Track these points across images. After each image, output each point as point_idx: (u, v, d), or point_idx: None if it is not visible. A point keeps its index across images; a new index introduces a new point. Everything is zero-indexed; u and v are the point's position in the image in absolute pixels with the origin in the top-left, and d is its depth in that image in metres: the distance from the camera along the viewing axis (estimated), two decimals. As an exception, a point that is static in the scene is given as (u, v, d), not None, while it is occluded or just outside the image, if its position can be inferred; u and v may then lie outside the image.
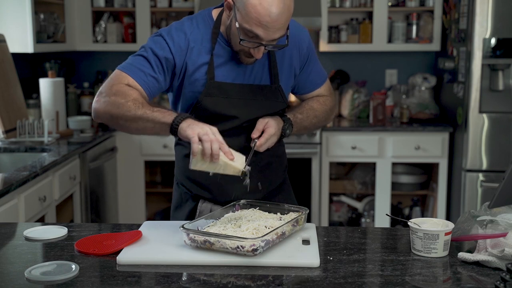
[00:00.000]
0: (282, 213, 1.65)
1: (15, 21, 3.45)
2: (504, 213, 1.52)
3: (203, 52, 1.74)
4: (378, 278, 1.33)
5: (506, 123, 3.62)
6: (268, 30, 1.59)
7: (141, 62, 1.71)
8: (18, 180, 2.39)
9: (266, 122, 1.74)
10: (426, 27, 4.24)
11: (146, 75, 1.70)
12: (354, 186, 4.36)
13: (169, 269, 1.37)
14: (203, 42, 1.75)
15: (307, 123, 1.89)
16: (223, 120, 1.75)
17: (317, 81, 1.94)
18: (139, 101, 1.64)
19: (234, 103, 1.76)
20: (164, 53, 1.72)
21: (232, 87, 1.76)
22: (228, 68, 1.76)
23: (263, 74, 1.80)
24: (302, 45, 1.84)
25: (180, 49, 1.73)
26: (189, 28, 1.76)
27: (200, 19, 1.78)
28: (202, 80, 1.74)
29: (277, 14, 1.56)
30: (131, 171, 4.08)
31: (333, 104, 1.98)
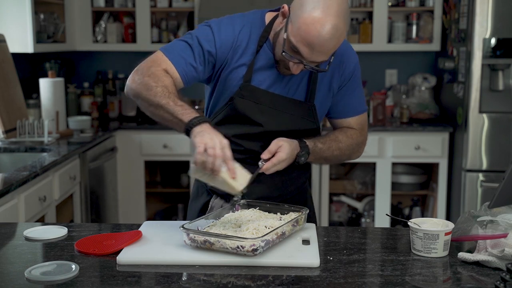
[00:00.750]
0: (282, 213, 1.65)
1: (15, 21, 3.45)
2: (504, 213, 1.52)
3: (246, 53, 1.72)
4: (378, 278, 1.33)
5: (506, 123, 3.62)
6: (312, 52, 1.55)
7: (184, 49, 1.70)
8: (18, 180, 2.39)
9: (280, 146, 1.66)
10: (426, 27, 4.24)
11: (186, 63, 1.69)
12: (354, 186, 4.36)
13: (169, 269, 1.37)
14: (249, 43, 1.72)
15: (327, 154, 1.81)
16: (248, 124, 1.75)
17: (351, 109, 1.86)
18: (169, 89, 1.62)
19: (263, 111, 1.74)
20: (208, 45, 1.70)
21: (265, 95, 1.74)
22: (266, 74, 1.73)
23: (299, 89, 1.76)
24: (346, 68, 1.78)
25: (225, 46, 1.72)
26: (239, 26, 1.75)
27: (252, 20, 1.76)
28: (239, 80, 1.73)
29: (326, 39, 1.52)
30: (131, 171, 4.08)
31: (361, 141, 1.89)
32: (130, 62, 4.70)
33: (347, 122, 1.87)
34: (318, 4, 1.51)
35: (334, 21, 1.51)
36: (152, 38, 4.31)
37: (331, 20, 1.51)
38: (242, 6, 4.04)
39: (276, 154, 1.66)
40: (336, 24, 1.52)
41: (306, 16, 1.52)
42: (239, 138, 1.76)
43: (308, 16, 1.52)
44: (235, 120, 1.74)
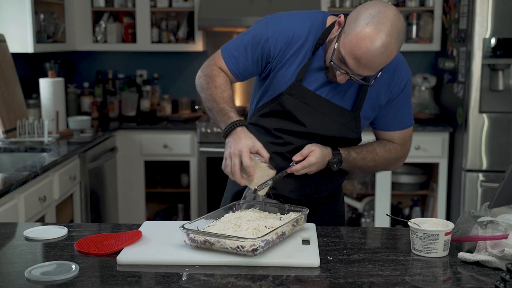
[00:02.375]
0: (282, 213, 1.65)
1: (15, 21, 3.45)
2: (504, 213, 1.52)
3: (301, 51, 1.74)
4: (378, 278, 1.33)
5: (506, 123, 3.62)
6: (359, 66, 1.56)
7: (238, 48, 1.78)
8: (18, 180, 2.39)
9: (312, 151, 1.71)
10: (426, 27, 4.24)
11: (238, 63, 1.78)
12: (354, 186, 4.36)
13: (169, 269, 1.37)
14: (306, 42, 1.74)
15: (361, 164, 1.83)
16: (293, 121, 1.77)
17: (396, 124, 1.86)
18: (220, 89, 1.74)
19: (309, 112, 1.76)
20: (263, 42, 1.75)
21: (313, 97, 1.75)
22: (317, 76, 1.75)
23: (346, 96, 1.77)
24: (397, 83, 1.78)
25: (280, 41, 1.74)
26: (297, 22, 1.76)
27: (313, 19, 1.77)
28: (290, 77, 1.75)
29: (374, 56, 1.53)
30: (131, 171, 4.08)
31: (400, 155, 1.89)
32: (130, 62, 4.74)
33: (389, 136, 1.88)
34: (372, 21, 1.52)
35: (385, 40, 1.51)
36: (152, 38, 4.31)
37: (382, 38, 1.51)
38: (242, 6, 4.04)
39: (307, 158, 1.71)
40: (386, 43, 1.52)
41: (359, 30, 1.53)
42: (281, 132, 1.80)
43: (361, 31, 1.52)
44: (280, 115, 1.78)
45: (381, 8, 1.54)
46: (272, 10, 3.86)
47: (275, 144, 1.81)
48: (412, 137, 1.91)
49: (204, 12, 4.00)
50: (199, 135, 3.95)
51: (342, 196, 2.02)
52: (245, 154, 1.57)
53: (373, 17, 1.52)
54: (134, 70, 4.57)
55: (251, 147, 1.59)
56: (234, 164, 1.58)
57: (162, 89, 4.59)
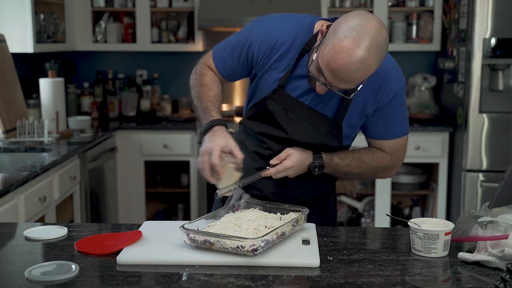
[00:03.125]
0: (282, 213, 1.65)
1: (15, 21, 3.45)
2: (504, 213, 1.52)
3: (286, 57, 1.72)
4: (378, 278, 1.33)
5: (506, 123, 3.62)
6: (336, 79, 1.52)
7: (227, 49, 1.82)
8: (18, 180, 2.39)
9: (290, 154, 1.72)
10: (426, 27, 4.24)
11: (226, 64, 1.82)
12: (354, 186, 4.36)
13: (169, 269, 1.37)
14: (291, 48, 1.72)
15: (346, 170, 1.80)
16: (275, 126, 1.77)
17: (385, 133, 1.81)
18: (206, 88, 1.79)
19: (290, 118, 1.75)
20: (247, 44, 1.77)
21: (296, 103, 1.74)
22: (301, 83, 1.73)
23: (329, 104, 1.74)
24: (386, 92, 1.72)
25: (262, 46, 1.74)
26: (283, 27, 1.74)
27: (301, 23, 1.73)
28: (273, 82, 1.75)
29: (350, 70, 1.48)
30: (131, 171, 4.08)
31: (389, 165, 1.84)
32: (130, 62, 4.74)
33: (380, 144, 1.83)
34: (351, 33, 1.46)
35: (363, 54, 1.46)
36: (152, 38, 4.31)
37: (360, 52, 1.46)
38: (242, 6, 4.04)
39: (283, 162, 1.71)
40: (364, 58, 1.46)
41: (337, 42, 1.48)
42: (264, 137, 1.81)
43: (338, 44, 1.47)
44: (264, 119, 1.79)
45: (362, 21, 1.48)
46: (272, 10, 3.86)
47: (260, 146, 1.82)
48: (406, 147, 1.86)
49: (204, 12, 4.00)
50: (199, 135, 3.95)
51: (333, 199, 1.97)
52: (214, 153, 1.58)
53: (352, 29, 1.47)
54: (134, 70, 4.58)
55: (224, 146, 1.60)
56: (204, 161, 1.60)
57: (162, 89, 4.59)
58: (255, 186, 1.81)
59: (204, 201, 4.04)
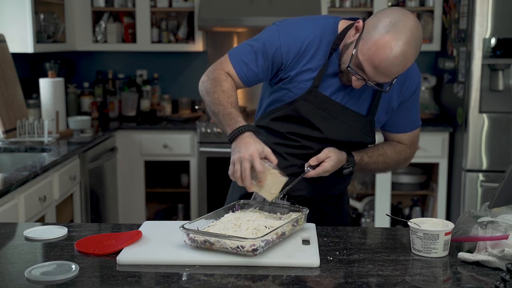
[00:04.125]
0: (282, 213, 1.65)
1: (15, 21, 3.45)
2: (504, 213, 1.53)
3: (315, 58, 1.73)
4: (378, 278, 1.33)
5: (506, 123, 3.62)
6: (377, 73, 1.57)
7: (248, 55, 1.76)
8: (18, 180, 2.39)
9: (329, 157, 1.72)
10: (426, 27, 4.24)
11: (248, 68, 1.76)
12: (354, 186, 4.36)
13: (169, 269, 1.37)
14: (319, 49, 1.73)
15: (373, 167, 1.85)
16: (308, 127, 1.77)
17: (405, 126, 1.88)
18: (226, 94, 1.70)
19: (325, 118, 1.76)
20: (274, 50, 1.74)
21: (329, 102, 1.75)
22: (331, 82, 1.74)
23: (360, 101, 1.77)
24: (408, 86, 1.79)
25: (293, 49, 1.73)
26: (309, 30, 1.75)
27: (324, 25, 1.76)
28: (304, 84, 1.74)
29: (392, 64, 1.53)
30: (131, 171, 4.08)
31: (408, 156, 1.91)
32: (130, 62, 4.74)
33: (399, 137, 1.90)
34: (392, 29, 1.52)
35: (404, 48, 1.52)
36: (152, 38, 4.31)
37: (401, 46, 1.52)
38: (242, 6, 4.04)
39: (322, 164, 1.72)
40: (405, 51, 1.52)
41: (378, 38, 1.53)
42: (296, 136, 1.79)
43: (380, 39, 1.53)
44: (294, 120, 1.77)
45: (401, 17, 1.54)
46: (272, 10, 3.86)
47: (291, 147, 1.80)
48: (419, 137, 1.94)
49: (204, 12, 4.00)
50: (199, 135, 3.95)
51: (347, 196, 2.03)
52: (256, 159, 1.53)
53: (393, 25, 1.53)
54: (134, 70, 4.57)
55: (261, 152, 1.56)
56: (245, 169, 1.53)
57: (162, 89, 4.59)
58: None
59: (204, 201, 4.04)
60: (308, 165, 1.73)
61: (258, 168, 1.53)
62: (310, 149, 1.78)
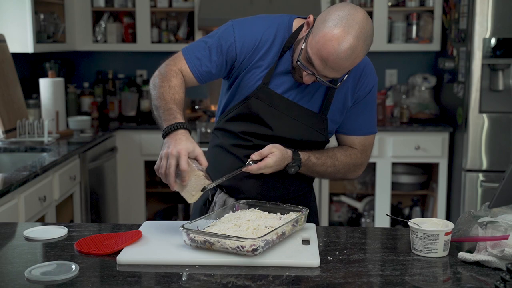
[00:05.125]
0: (282, 213, 1.65)
1: (15, 21, 3.45)
2: (504, 213, 1.53)
3: (268, 55, 1.74)
4: (378, 278, 1.33)
5: (506, 123, 3.62)
6: (325, 67, 1.56)
7: (202, 50, 1.76)
8: (18, 180, 2.39)
9: (272, 153, 1.67)
10: (426, 27, 4.24)
11: (201, 64, 1.75)
12: (354, 186, 4.36)
13: (169, 269, 1.37)
14: (272, 45, 1.74)
15: (320, 170, 1.81)
16: (260, 124, 1.77)
17: (357, 128, 1.84)
18: (173, 90, 1.68)
19: (276, 115, 1.76)
20: (228, 45, 1.74)
21: (280, 99, 1.75)
22: (284, 79, 1.74)
23: (313, 99, 1.77)
24: (363, 86, 1.79)
25: (247, 45, 1.73)
26: (264, 26, 1.76)
27: (279, 22, 1.76)
28: (256, 80, 1.75)
29: (341, 58, 1.53)
30: (131, 171, 4.08)
31: (359, 162, 1.87)
32: (130, 62, 4.74)
33: (351, 140, 1.86)
34: (341, 23, 1.52)
35: (352, 42, 1.51)
36: (152, 38, 4.31)
37: (350, 40, 1.51)
38: (242, 6, 4.05)
39: (265, 159, 1.66)
40: (354, 46, 1.52)
41: (327, 31, 1.53)
42: (249, 136, 1.79)
43: (328, 32, 1.52)
44: (247, 118, 1.77)
45: (350, 10, 1.53)
46: (272, 10, 3.86)
47: (243, 147, 1.80)
48: (373, 147, 1.91)
49: (204, 12, 4.00)
50: (199, 135, 3.95)
51: (313, 197, 1.99)
52: (183, 157, 1.49)
53: (341, 18, 1.52)
54: (134, 70, 4.58)
55: (191, 151, 1.52)
56: (170, 165, 1.49)
57: (162, 89, 4.58)
58: (240, 190, 1.80)
59: (204, 201, 4.04)
60: (251, 159, 1.67)
61: (182, 166, 1.48)
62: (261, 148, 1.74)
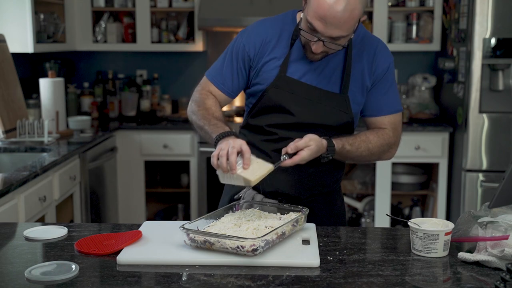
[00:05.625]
0: (282, 213, 1.65)
1: (15, 21, 3.45)
2: (504, 213, 1.52)
3: (278, 47, 1.80)
4: (378, 278, 1.33)
5: (506, 123, 3.62)
6: (326, 25, 1.61)
7: (222, 67, 1.88)
8: (18, 180, 2.39)
9: (309, 146, 1.65)
10: (426, 27, 4.24)
11: (226, 79, 1.86)
12: (354, 186, 4.36)
13: (169, 269, 1.37)
14: (281, 38, 1.80)
15: (355, 155, 1.80)
16: (283, 113, 1.79)
17: (384, 108, 1.85)
18: (211, 110, 1.81)
19: (298, 101, 1.78)
20: (240, 51, 1.84)
21: (300, 85, 1.78)
22: (299, 66, 1.78)
23: (332, 81, 1.79)
24: (379, 65, 1.82)
25: (254, 44, 1.82)
26: (267, 25, 1.85)
27: (283, 18, 1.85)
28: (272, 72, 1.79)
29: (337, 11, 1.58)
30: (131, 171, 4.08)
31: (392, 142, 1.87)
32: (130, 62, 4.74)
33: (380, 121, 1.87)
34: None
35: None
36: (152, 38, 4.31)
37: None
38: (242, 6, 4.04)
39: (300, 153, 1.65)
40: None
41: None
42: (273, 127, 1.81)
43: None
44: (269, 110, 1.81)
45: None
46: (272, 10, 3.86)
47: (270, 141, 1.82)
48: (402, 125, 1.93)
49: (204, 12, 4.00)
50: (199, 135, 3.95)
51: (341, 196, 1.99)
52: (245, 144, 1.57)
53: None
54: (134, 70, 4.57)
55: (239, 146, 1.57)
56: (233, 148, 1.54)
57: (162, 89, 4.59)
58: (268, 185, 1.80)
59: (204, 201, 4.04)
60: (285, 152, 1.65)
61: (245, 149, 1.56)
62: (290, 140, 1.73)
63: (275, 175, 1.71)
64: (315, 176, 1.84)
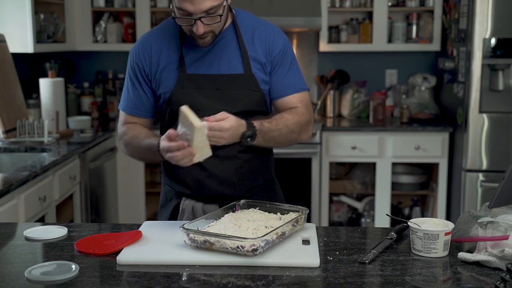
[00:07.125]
0: (282, 213, 1.65)
1: (15, 21, 3.45)
2: (504, 213, 1.53)
3: (171, 50, 1.81)
4: (378, 278, 1.33)
5: (506, 123, 3.62)
6: (192, 2, 1.63)
7: (128, 95, 1.89)
8: (18, 180, 2.39)
9: (227, 117, 1.62)
10: (426, 27, 4.24)
11: (138, 102, 1.88)
12: (354, 186, 4.36)
13: (169, 269, 1.37)
14: (170, 43, 1.82)
15: (276, 134, 1.76)
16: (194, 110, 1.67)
17: (290, 86, 1.85)
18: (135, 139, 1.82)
19: (207, 94, 1.78)
20: (134, 69, 1.85)
21: (204, 78, 1.79)
22: (200, 61, 1.80)
23: (233, 64, 1.80)
24: (273, 47, 1.84)
25: (145, 59, 1.84)
26: (152, 35, 1.87)
27: (164, 25, 1.87)
28: (174, 75, 1.79)
29: None
30: (131, 171, 4.08)
31: (307, 118, 1.85)
32: (130, 62, 4.69)
33: (290, 101, 1.85)
34: None
35: None
36: (152, 38, 4.30)
37: None
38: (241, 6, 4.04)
39: (221, 122, 1.61)
40: None
41: None
42: None
43: None
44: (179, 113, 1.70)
45: None
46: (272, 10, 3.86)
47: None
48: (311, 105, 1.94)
49: (204, 12, 3.99)
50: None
51: (277, 183, 2.02)
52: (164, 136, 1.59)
53: None
54: (134, 70, 4.57)
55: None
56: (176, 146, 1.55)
57: (162, 89, 4.58)
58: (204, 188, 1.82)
59: (204, 201, 4.04)
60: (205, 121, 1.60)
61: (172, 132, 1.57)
62: None
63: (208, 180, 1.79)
64: (246, 170, 1.84)
